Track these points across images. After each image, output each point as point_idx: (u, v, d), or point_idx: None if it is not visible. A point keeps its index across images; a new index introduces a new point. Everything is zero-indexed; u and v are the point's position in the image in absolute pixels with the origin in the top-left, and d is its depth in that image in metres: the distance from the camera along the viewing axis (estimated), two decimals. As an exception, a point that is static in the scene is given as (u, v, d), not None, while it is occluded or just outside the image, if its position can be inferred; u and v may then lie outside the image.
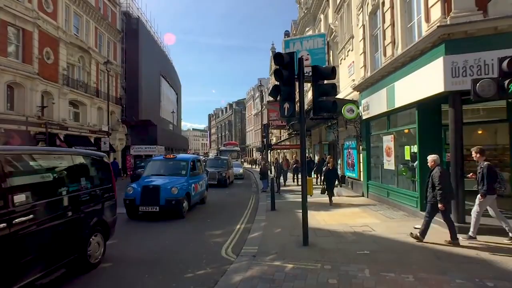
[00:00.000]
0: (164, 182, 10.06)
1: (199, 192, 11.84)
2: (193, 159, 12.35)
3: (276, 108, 36.39)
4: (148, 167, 11.91)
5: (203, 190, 12.70)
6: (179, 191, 9.79)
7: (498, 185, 6.42)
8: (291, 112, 6.48)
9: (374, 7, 11.85)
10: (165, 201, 9.47)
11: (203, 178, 13.00)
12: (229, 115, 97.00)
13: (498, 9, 7.05)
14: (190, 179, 11.12)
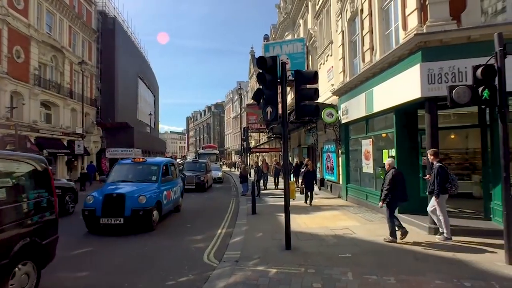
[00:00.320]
0: (130, 189, 8.86)
1: (172, 200, 10.71)
2: (166, 163, 10.98)
3: (255, 111, 36.48)
4: (113, 172, 10.49)
5: (177, 197, 11.51)
6: (148, 199, 8.61)
7: (449, 185, 6.77)
8: (274, 116, 6.49)
9: (352, 14, 12.13)
10: (131, 212, 8.29)
11: (177, 184, 11.78)
12: (207, 118, 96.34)
13: (471, 19, 7.38)
14: (162, 185, 9.98)
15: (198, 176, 19.26)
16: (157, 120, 59.47)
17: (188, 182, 18.47)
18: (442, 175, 6.68)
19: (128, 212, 8.29)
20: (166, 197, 10.04)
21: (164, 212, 9.85)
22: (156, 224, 8.92)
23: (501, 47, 5.38)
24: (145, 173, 10.23)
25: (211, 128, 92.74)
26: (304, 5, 21.88)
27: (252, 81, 53.46)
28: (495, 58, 5.45)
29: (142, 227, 8.53)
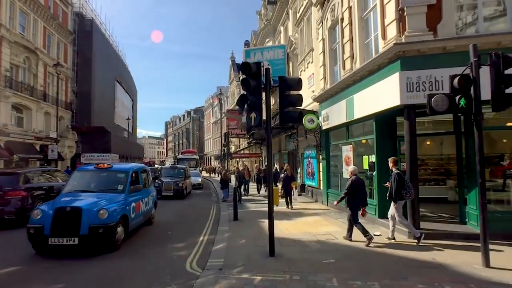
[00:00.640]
0: (89, 202, 7.35)
1: (142, 212, 9.24)
2: (135, 170, 9.51)
3: (236, 116, 36.45)
4: (70, 180, 8.89)
5: (150, 208, 10.10)
6: (111, 214, 7.11)
7: (405, 191, 7.17)
8: (258, 121, 6.48)
9: (333, 22, 12.37)
10: (88, 230, 6.77)
11: (150, 194, 10.33)
12: (187, 123, 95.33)
13: (446, 30, 7.68)
14: (130, 196, 8.47)
15: (176, 183, 18.44)
16: (135, 125, 58.27)
17: (165, 189, 17.96)
18: (399, 182, 7.13)
19: (85, 230, 6.77)
20: (135, 209, 8.58)
21: (132, 227, 8.47)
22: (120, 242, 7.48)
23: (476, 58, 5.63)
24: (110, 182, 8.72)
25: (190, 133, 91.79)
26: (285, 12, 22.17)
27: (232, 87, 53.46)
28: (470, 68, 5.69)
29: (103, 247, 7.04)
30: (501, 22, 7.78)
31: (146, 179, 10.38)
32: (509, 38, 7.26)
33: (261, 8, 30.07)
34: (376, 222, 9.09)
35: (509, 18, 7.64)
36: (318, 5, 13.79)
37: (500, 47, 6.96)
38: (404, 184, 7.17)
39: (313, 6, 14.83)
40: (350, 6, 10.70)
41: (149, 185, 10.75)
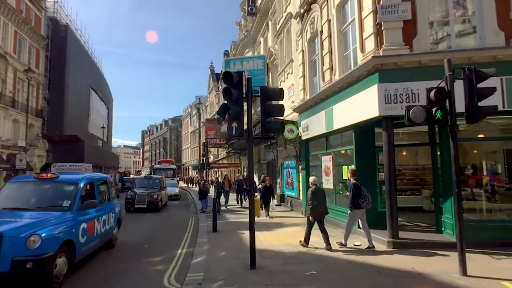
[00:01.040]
0: (15, 225, 5.43)
1: (99, 234, 7.25)
2: (90, 180, 7.58)
3: (215, 126, 36.28)
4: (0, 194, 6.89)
5: (110, 228, 8.05)
6: (46, 241, 5.20)
7: (362, 200, 7.54)
8: (239, 131, 6.42)
9: (312, 34, 12.61)
10: (11, 265, 4.89)
11: (111, 210, 8.33)
12: (164, 132, 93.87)
13: (421, 45, 7.97)
14: (81, 214, 6.56)
15: (150, 194, 17.05)
16: (110, 134, 56.67)
17: (138, 200, 16.72)
18: (356, 191, 7.54)
19: (6, 266, 4.86)
20: (87, 231, 6.64)
21: (82, 255, 6.54)
22: (62, 278, 5.56)
23: (450, 72, 5.84)
24: (53, 196, 6.87)
25: (167, 142, 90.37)
26: (264, 24, 22.45)
27: (211, 96, 53.31)
28: (445, 82, 5.90)
29: (32, 284, 5.11)
30: (471, 38, 8.16)
31: (105, 192, 8.41)
32: (479, 54, 7.61)
33: (241, 19, 30.34)
34: (356, 232, 9.13)
35: (478, 35, 8.02)
36: (298, 17, 14.03)
37: (471, 62, 7.29)
38: (360, 193, 7.53)
39: (293, 18, 15.09)
40: (329, 19, 10.95)
41: (110, 199, 8.63)
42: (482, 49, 7.68)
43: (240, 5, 29.81)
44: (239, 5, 29.96)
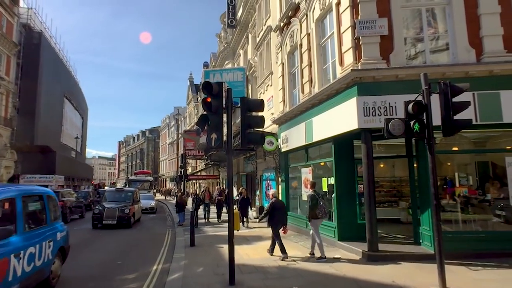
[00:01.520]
0: None
1: (18, 277, 4.87)
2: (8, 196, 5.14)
3: (193, 137, 35.80)
4: None
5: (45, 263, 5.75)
6: None
7: (319, 210, 7.91)
8: (219, 142, 6.27)
9: (292, 47, 12.75)
10: None
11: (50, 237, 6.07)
12: (141, 143, 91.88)
13: (398, 60, 8.18)
14: None
15: (121, 209, 15.31)
16: (84, 144, 54.83)
17: (107, 216, 15.04)
18: (312, 202, 7.93)
19: None
20: None
21: None
22: None
23: (427, 86, 5.97)
24: None
25: (144, 153, 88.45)
26: (244, 36, 22.60)
27: (190, 107, 52.84)
28: (422, 95, 6.02)
29: None
30: (445, 55, 8.46)
31: (40, 213, 6.14)
32: (452, 70, 7.88)
33: (221, 31, 30.46)
34: (336, 244, 9.10)
35: (450, 52, 8.33)
36: (277, 30, 14.18)
37: (445, 77, 7.54)
38: (318, 204, 7.90)
39: (273, 31, 15.25)
40: (308, 33, 11.11)
41: (48, 221, 6.26)
42: (455, 65, 7.96)
43: (220, 18, 29.98)
44: (219, 17, 30.12)
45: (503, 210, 8.19)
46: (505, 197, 7.89)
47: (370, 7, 8.32)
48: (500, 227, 8.04)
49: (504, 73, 7.79)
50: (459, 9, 8.19)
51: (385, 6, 8.34)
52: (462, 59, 8.02)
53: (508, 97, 7.65)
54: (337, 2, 9.16)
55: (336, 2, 9.22)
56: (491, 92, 7.67)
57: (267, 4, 16.81)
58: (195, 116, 46.76)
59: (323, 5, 10.04)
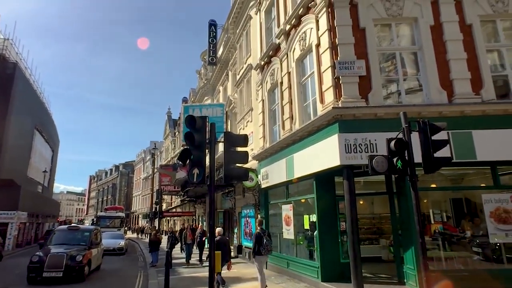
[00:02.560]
0: None
1: None
2: None
3: (169, 172, 34.96)
4: None
5: None
6: None
7: (262, 247, 8.42)
8: (201, 178, 6.06)
9: (273, 85, 13.03)
10: None
11: None
12: (114, 178, 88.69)
13: (376, 99, 8.48)
14: None
15: (72, 255, 11.10)
16: (52, 178, 52.21)
17: (50, 265, 10.64)
18: (257, 240, 8.45)
19: None
20: None
21: None
22: None
23: (407, 124, 6.14)
24: None
25: (117, 188, 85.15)
26: (224, 73, 23.06)
27: (167, 142, 52.20)
28: (403, 133, 6.16)
29: None
30: (419, 95, 8.87)
31: None
32: (427, 110, 8.23)
33: (201, 68, 31.02)
34: (319, 286, 8.76)
35: (424, 93, 8.75)
36: (258, 69, 14.55)
37: (421, 116, 7.84)
38: (262, 242, 8.39)
39: (253, 69, 15.63)
40: (289, 71, 11.44)
41: None
42: (429, 105, 8.33)
43: (201, 55, 30.67)
44: (200, 55, 30.82)
45: (481, 247, 8.27)
46: (483, 234, 7.97)
47: (348, 49, 8.73)
48: (481, 265, 8.04)
49: (474, 114, 8.22)
50: (429, 54, 8.74)
51: (362, 49, 8.77)
52: (435, 99, 8.42)
53: (479, 136, 8.01)
54: (317, 43, 9.57)
55: (316, 44, 9.63)
56: (464, 132, 8.01)
57: (248, 43, 17.39)
58: (172, 151, 46.09)
59: (303, 46, 10.46)
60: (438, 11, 8.95)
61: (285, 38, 11.78)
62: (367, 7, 9.02)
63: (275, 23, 13.25)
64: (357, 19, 8.93)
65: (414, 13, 9.02)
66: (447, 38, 8.75)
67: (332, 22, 8.99)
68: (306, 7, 10.28)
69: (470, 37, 8.79)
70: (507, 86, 8.74)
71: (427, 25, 8.90)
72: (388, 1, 9.08)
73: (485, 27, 9.09)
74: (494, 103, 8.27)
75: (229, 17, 20.76)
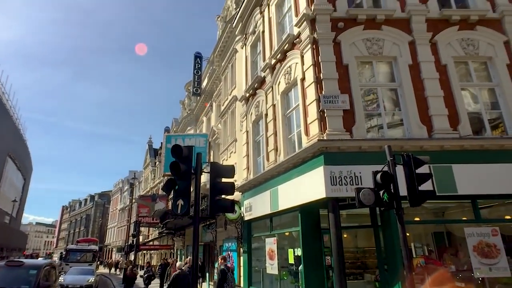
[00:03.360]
0: None
1: None
2: None
3: (148, 203, 33.89)
4: None
5: None
6: None
7: (226, 284, 8.53)
8: (185, 209, 5.87)
9: (257, 117, 13.17)
10: None
11: None
12: (88, 208, 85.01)
13: (359, 132, 8.66)
14: None
15: None
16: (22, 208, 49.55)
17: None
18: (222, 276, 8.61)
19: None
20: None
21: None
22: None
23: (392, 157, 6.26)
24: None
25: (91, 220, 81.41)
26: (209, 104, 23.23)
27: (146, 172, 51.07)
28: (388, 166, 6.26)
29: None
30: (400, 129, 9.14)
31: None
32: (409, 144, 8.45)
33: (185, 98, 31.20)
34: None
35: (405, 127, 9.04)
36: (243, 100, 14.74)
37: (403, 150, 7.99)
38: (225, 279, 8.54)
39: (238, 101, 15.82)
40: (274, 104, 11.63)
41: None
42: (410, 139, 8.57)
43: (185, 86, 30.94)
44: (184, 85, 31.09)
45: (464, 282, 8.24)
46: (468, 268, 7.98)
47: (332, 84, 9.01)
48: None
49: (453, 148, 8.50)
50: (409, 91, 9.13)
51: (345, 84, 9.08)
52: (416, 134, 8.69)
53: (459, 170, 8.24)
54: (302, 78, 9.85)
55: (301, 78, 9.90)
56: (444, 165, 8.22)
57: (233, 76, 17.73)
58: (152, 181, 45.00)
59: (288, 80, 10.73)
60: (415, 51, 9.47)
61: (270, 72, 12.08)
62: (350, 45, 9.45)
63: (260, 57, 13.63)
64: (341, 56, 9.31)
65: (393, 52, 9.51)
66: (424, 77, 9.21)
67: (317, 58, 9.32)
68: (292, 43, 10.67)
69: (445, 76, 9.29)
70: (481, 123, 9.18)
71: (406, 64, 9.37)
72: (369, 41, 9.56)
73: (458, 67, 9.65)
74: (470, 139, 8.61)
75: (215, 50, 21.26)
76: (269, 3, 12.99)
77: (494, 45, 9.67)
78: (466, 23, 9.80)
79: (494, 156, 8.41)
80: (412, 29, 9.64)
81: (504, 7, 9.93)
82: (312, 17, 9.65)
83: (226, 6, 21.54)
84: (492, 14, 9.95)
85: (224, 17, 21.82)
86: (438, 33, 9.63)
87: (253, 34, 14.51)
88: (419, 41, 9.54)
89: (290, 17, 11.37)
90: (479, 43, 9.66)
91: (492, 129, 9.17)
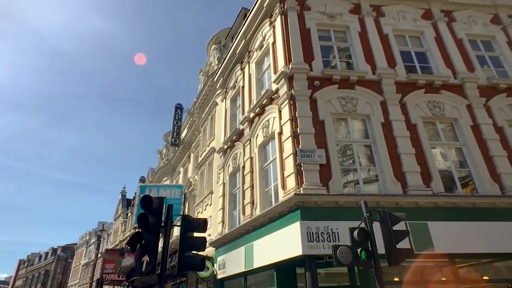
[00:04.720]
0: None
1: None
2: None
3: (115, 258, 31.48)
4: None
5: None
6: None
7: None
8: (151, 266, 5.41)
9: (234, 169, 13.03)
10: None
11: None
12: (48, 263, 77.94)
13: (336, 187, 8.64)
14: None
15: None
16: (-28, 263, 44.85)
17: None
18: None
19: None
20: None
21: None
22: None
23: (368, 213, 6.17)
24: None
25: (50, 276, 74.22)
26: (186, 155, 23.02)
27: (117, 223, 48.32)
28: (364, 223, 6.14)
29: None
30: (376, 185, 9.21)
31: None
32: (385, 199, 8.46)
33: (163, 148, 30.90)
34: None
35: (380, 183, 9.12)
36: (221, 152, 14.68)
37: (379, 206, 7.92)
38: None
39: (216, 152, 15.75)
40: (251, 156, 11.61)
41: None
42: (386, 195, 8.60)
43: (164, 136, 30.84)
44: (163, 135, 30.99)
45: None
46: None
47: (309, 139, 9.15)
48: None
49: (427, 205, 8.56)
50: (382, 148, 9.38)
51: (322, 139, 9.24)
52: (391, 190, 8.75)
53: (435, 228, 8.21)
54: (279, 131, 9.99)
55: (278, 132, 10.04)
56: (420, 223, 8.19)
57: (212, 127, 17.86)
58: (122, 234, 42.40)
59: (266, 133, 10.85)
60: (387, 110, 9.94)
61: (248, 125, 12.24)
62: (325, 102, 9.82)
63: (239, 111, 13.90)
64: (317, 112, 9.60)
65: (366, 110, 9.94)
66: (396, 134, 9.55)
67: (294, 113, 9.57)
68: (270, 98, 11.00)
69: (416, 135, 9.68)
70: (452, 181, 9.42)
71: (379, 122, 9.75)
72: (343, 99, 10.00)
73: (428, 127, 10.12)
74: (443, 196, 8.74)
75: (195, 102, 21.63)
76: (249, 61, 13.60)
77: (458, 107, 10.33)
78: (431, 87, 10.53)
79: (467, 214, 8.51)
80: (382, 90, 10.21)
81: (463, 74, 10.82)
82: (290, 75, 10.09)
83: (209, 62, 22.41)
84: (454, 80, 10.77)
85: (206, 71, 22.58)
86: (406, 94, 10.24)
87: (233, 89, 14.96)
88: (390, 101, 10.06)
89: (269, 74, 11.86)
90: (444, 105, 10.30)
91: (463, 186, 9.40)
